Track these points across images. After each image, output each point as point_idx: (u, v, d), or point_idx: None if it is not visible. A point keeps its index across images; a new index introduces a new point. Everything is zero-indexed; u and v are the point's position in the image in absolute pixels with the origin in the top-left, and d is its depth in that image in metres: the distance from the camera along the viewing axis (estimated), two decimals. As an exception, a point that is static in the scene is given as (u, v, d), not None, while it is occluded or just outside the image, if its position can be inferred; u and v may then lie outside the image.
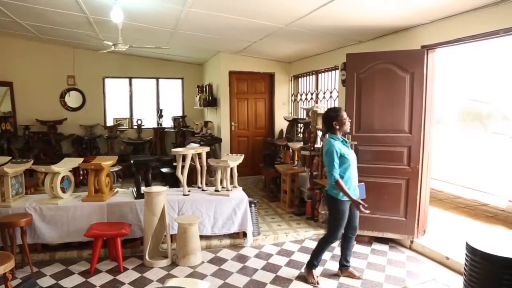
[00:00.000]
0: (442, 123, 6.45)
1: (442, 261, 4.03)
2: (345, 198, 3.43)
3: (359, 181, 3.69)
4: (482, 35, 3.59)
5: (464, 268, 2.08)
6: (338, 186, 3.36)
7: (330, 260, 4.19)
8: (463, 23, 3.77)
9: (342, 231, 3.61)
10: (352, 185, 3.51)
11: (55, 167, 4.10)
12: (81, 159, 4.57)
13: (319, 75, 6.91)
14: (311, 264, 3.69)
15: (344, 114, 3.48)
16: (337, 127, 3.45)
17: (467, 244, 2.04)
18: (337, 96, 6.14)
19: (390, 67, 4.36)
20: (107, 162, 4.39)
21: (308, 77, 7.43)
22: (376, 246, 4.59)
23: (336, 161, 3.36)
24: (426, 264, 4.09)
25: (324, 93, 6.67)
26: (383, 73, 4.40)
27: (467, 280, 2.03)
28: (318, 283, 3.61)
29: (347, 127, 3.49)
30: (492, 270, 1.90)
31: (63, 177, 4.22)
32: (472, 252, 1.99)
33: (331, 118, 3.47)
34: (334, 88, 6.31)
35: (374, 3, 3.80)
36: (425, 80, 4.26)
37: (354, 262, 4.10)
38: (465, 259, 2.06)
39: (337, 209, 3.51)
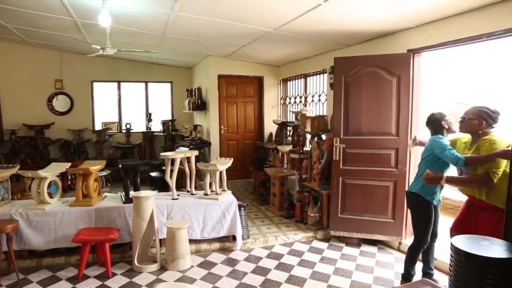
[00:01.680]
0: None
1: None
2: (435, 202, 3.35)
3: None
4: (465, 39, 3.65)
5: (449, 268, 2.11)
6: (470, 163, 2.95)
7: (319, 262, 4.20)
8: (447, 28, 3.83)
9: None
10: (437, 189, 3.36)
11: (41, 172, 4.06)
12: (69, 164, 4.52)
13: (308, 78, 6.96)
14: (409, 275, 3.52)
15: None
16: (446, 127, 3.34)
17: (451, 244, 2.07)
18: (326, 100, 6.18)
19: (377, 70, 4.42)
20: (95, 167, 4.36)
21: (296, 80, 7.47)
22: (365, 248, 4.63)
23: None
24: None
25: (313, 96, 6.72)
26: (370, 76, 4.45)
27: (452, 280, 2.06)
28: None
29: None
30: (476, 270, 1.94)
31: (50, 182, 4.17)
32: (457, 252, 2.02)
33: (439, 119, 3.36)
34: (323, 92, 6.36)
35: (360, 9, 3.85)
36: (412, 83, 4.32)
37: (342, 264, 4.13)
38: (450, 259, 2.09)
39: (429, 213, 3.35)
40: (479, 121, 2.94)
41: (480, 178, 2.77)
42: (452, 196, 6.42)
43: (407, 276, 3.52)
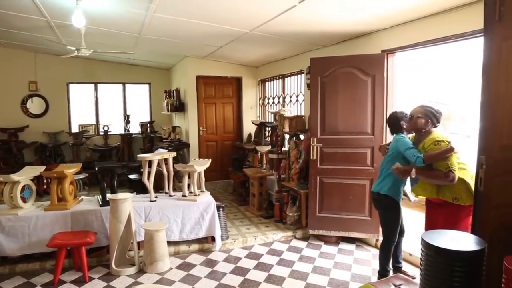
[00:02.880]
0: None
1: (406, 258, 4.16)
2: (400, 200, 3.49)
3: None
4: (437, 40, 3.76)
5: (420, 262, 2.17)
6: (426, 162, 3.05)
7: (298, 261, 4.24)
8: (419, 29, 3.93)
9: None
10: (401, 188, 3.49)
11: (14, 176, 3.96)
12: (43, 167, 4.44)
13: (286, 79, 7.01)
14: (385, 271, 3.60)
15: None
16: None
17: (422, 239, 2.13)
18: (303, 100, 6.24)
19: (352, 70, 4.49)
20: (70, 170, 4.29)
21: (275, 81, 7.52)
22: (343, 245, 4.69)
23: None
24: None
25: (291, 96, 6.77)
26: (345, 76, 4.52)
27: (423, 273, 2.12)
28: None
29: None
30: (445, 263, 2.00)
31: (23, 186, 4.08)
32: (427, 246, 2.08)
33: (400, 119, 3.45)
34: (300, 92, 6.42)
35: (335, 10, 3.91)
36: (386, 83, 4.41)
37: (321, 263, 4.18)
38: (421, 253, 2.15)
39: (398, 212, 3.48)
40: (425, 120, 3.07)
41: (447, 175, 2.86)
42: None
43: (383, 272, 3.60)
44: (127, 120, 9.08)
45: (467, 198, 2.88)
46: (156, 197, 4.59)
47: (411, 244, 4.12)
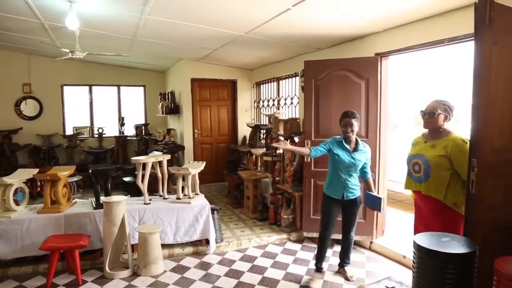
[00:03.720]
0: (399, 127, 6.70)
1: (400, 260, 4.18)
2: (332, 195, 3.67)
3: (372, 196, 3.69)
4: (429, 44, 3.79)
5: (412, 265, 2.18)
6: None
7: (292, 264, 4.24)
8: (412, 33, 3.97)
9: (332, 228, 3.78)
10: (333, 184, 3.69)
11: (7, 179, 3.93)
12: (36, 170, 4.41)
13: (280, 81, 7.03)
14: (316, 265, 3.95)
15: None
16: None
17: (414, 242, 2.15)
18: (298, 102, 6.26)
19: (346, 73, 4.51)
20: (64, 172, 4.27)
21: (269, 83, 7.54)
22: (337, 248, 4.66)
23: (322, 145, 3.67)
24: (384, 263, 4.23)
25: (285, 99, 6.79)
26: (339, 79, 4.54)
27: (415, 276, 2.14)
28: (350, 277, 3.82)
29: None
30: (437, 265, 2.02)
31: (16, 189, 4.05)
32: (419, 249, 2.10)
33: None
34: (295, 95, 6.44)
35: (329, 14, 3.93)
36: (380, 86, 4.44)
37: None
38: (413, 256, 2.17)
39: (324, 206, 3.79)
40: (445, 115, 2.85)
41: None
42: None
43: (315, 266, 3.97)
44: (121, 123, 9.06)
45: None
46: (150, 199, 4.58)
47: (405, 247, 4.14)
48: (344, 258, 3.92)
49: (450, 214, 2.79)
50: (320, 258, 3.93)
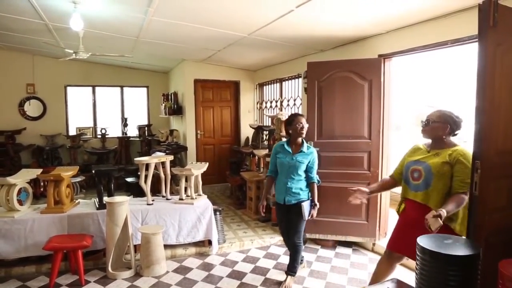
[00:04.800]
0: (401, 129, 6.68)
1: (403, 262, 4.14)
2: (277, 200, 3.68)
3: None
4: (433, 45, 3.78)
5: (416, 267, 2.17)
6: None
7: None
8: (416, 34, 3.96)
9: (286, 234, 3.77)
10: (277, 188, 3.69)
11: (10, 179, 3.95)
12: (40, 170, 4.43)
13: (283, 83, 7.04)
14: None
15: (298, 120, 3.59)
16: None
17: (417, 243, 2.13)
18: (300, 104, 6.26)
19: (349, 75, 4.51)
20: (67, 173, 4.28)
21: (272, 85, 7.55)
22: (340, 249, 4.70)
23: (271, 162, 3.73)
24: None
25: (288, 100, 6.79)
26: (342, 81, 4.54)
27: (418, 277, 2.12)
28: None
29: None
30: (440, 267, 2.00)
31: (20, 189, 4.07)
32: (422, 250, 2.08)
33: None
34: (298, 96, 6.44)
35: (332, 15, 3.93)
36: (383, 87, 4.43)
37: (318, 266, 4.19)
38: (416, 257, 2.15)
39: (276, 211, 3.81)
40: (444, 125, 2.77)
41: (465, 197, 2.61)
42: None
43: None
44: (124, 123, 9.09)
45: (461, 223, 2.65)
46: (153, 200, 4.59)
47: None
48: (289, 267, 3.74)
49: (443, 229, 2.54)
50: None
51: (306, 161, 3.57)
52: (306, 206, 3.56)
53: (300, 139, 3.60)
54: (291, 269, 3.73)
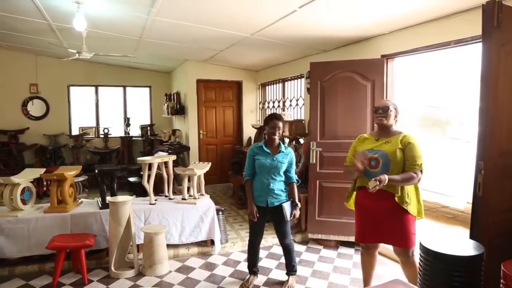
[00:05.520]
0: (405, 129, 6.66)
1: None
2: (257, 203, 3.52)
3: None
4: (436, 46, 3.78)
5: (419, 268, 2.18)
6: (246, 187, 3.61)
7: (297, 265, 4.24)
8: (418, 34, 3.96)
9: (260, 235, 3.71)
10: (258, 191, 3.56)
11: (14, 178, 3.97)
12: (43, 170, 4.44)
13: (286, 83, 7.04)
14: (249, 268, 3.82)
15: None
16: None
17: (420, 244, 2.14)
18: (303, 104, 6.26)
19: (352, 75, 4.50)
20: (70, 172, 4.30)
21: (275, 85, 7.55)
22: (342, 250, 4.69)
23: (247, 165, 3.60)
24: (390, 266, 4.22)
25: (291, 100, 6.79)
26: (345, 81, 4.54)
27: (422, 278, 2.13)
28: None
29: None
30: (443, 268, 2.01)
31: (23, 188, 4.09)
32: (425, 251, 2.09)
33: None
34: (300, 96, 6.44)
35: (335, 16, 3.94)
36: (385, 87, 4.43)
37: (321, 266, 4.19)
38: (420, 258, 2.16)
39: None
40: (395, 114, 2.96)
41: (418, 174, 2.78)
42: (427, 198, 6.54)
43: (248, 269, 3.82)
44: (127, 123, 9.11)
45: (413, 205, 2.83)
46: (155, 200, 4.60)
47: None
48: (288, 267, 3.74)
49: (405, 214, 2.81)
50: (252, 263, 3.78)
51: (286, 161, 3.55)
52: (287, 207, 3.51)
53: (277, 141, 3.56)
54: (290, 269, 3.73)
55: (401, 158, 2.80)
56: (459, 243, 2.19)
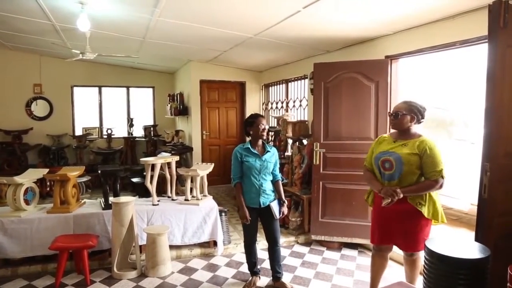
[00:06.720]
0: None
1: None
2: (250, 205, 3.51)
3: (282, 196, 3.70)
4: (440, 46, 3.75)
5: (424, 270, 2.16)
6: (236, 191, 3.57)
7: (300, 267, 4.22)
8: (423, 35, 3.93)
9: (255, 236, 3.74)
10: (249, 193, 3.53)
11: (17, 178, 3.97)
12: (46, 170, 4.45)
13: (289, 84, 7.02)
14: (249, 269, 3.82)
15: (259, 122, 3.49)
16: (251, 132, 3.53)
17: (425, 246, 2.12)
18: (307, 105, 6.24)
19: (356, 76, 4.48)
20: (74, 173, 4.30)
21: (278, 86, 7.53)
22: (346, 251, 4.67)
23: (234, 168, 3.54)
24: (393, 267, 4.18)
25: (294, 101, 6.78)
26: (349, 82, 4.52)
27: (426, 281, 2.11)
28: None
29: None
30: (448, 270, 1.99)
31: (26, 189, 4.09)
32: (430, 254, 2.07)
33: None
34: (304, 97, 6.42)
35: (339, 16, 3.91)
36: (390, 88, 4.40)
37: (324, 268, 4.16)
38: (424, 260, 2.14)
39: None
40: (411, 116, 2.88)
41: (438, 181, 2.77)
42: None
43: (249, 270, 3.81)
44: (130, 124, 9.12)
45: (428, 207, 2.81)
46: (158, 200, 4.59)
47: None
48: (276, 269, 3.71)
49: (419, 218, 2.80)
50: (252, 264, 3.78)
51: (273, 160, 3.57)
52: (274, 206, 3.54)
53: (260, 140, 3.54)
54: (280, 271, 3.72)
55: (415, 161, 2.77)
56: (464, 245, 2.17)
